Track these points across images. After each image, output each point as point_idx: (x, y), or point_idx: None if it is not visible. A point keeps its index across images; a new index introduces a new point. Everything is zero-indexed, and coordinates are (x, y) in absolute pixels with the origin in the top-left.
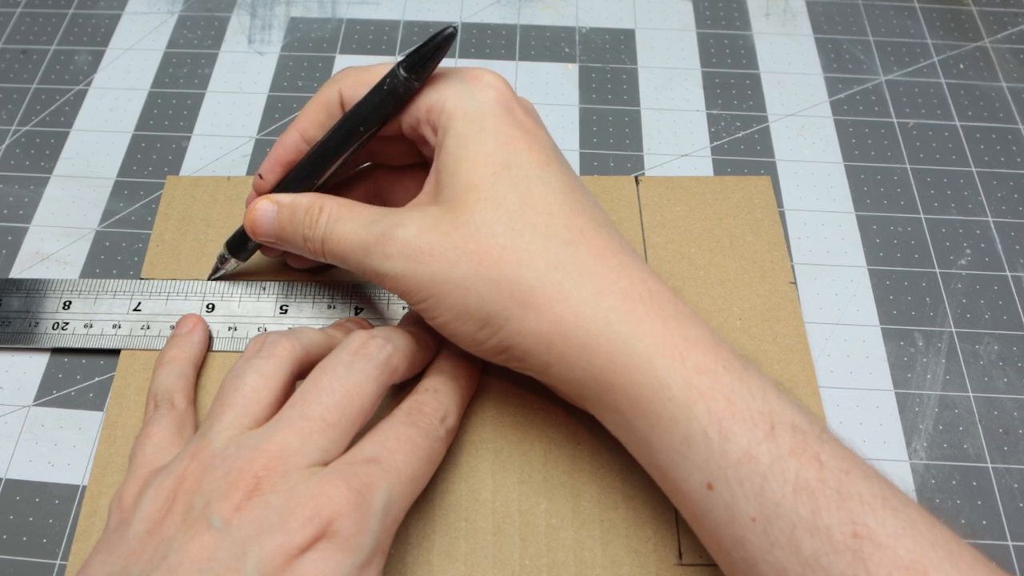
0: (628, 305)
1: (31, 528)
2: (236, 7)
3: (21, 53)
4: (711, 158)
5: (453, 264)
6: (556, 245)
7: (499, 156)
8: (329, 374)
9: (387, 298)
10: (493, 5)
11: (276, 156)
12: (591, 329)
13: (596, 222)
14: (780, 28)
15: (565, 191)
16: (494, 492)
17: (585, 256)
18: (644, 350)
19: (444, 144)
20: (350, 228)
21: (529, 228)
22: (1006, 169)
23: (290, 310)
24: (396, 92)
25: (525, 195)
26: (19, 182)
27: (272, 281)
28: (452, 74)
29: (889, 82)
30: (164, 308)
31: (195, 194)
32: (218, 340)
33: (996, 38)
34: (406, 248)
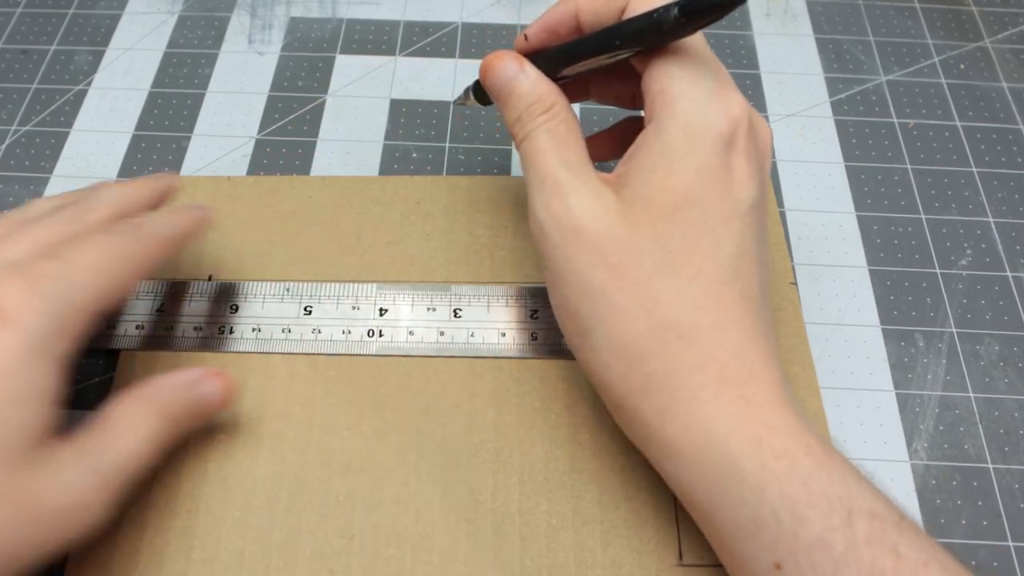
0: (720, 387)
1: None
2: (236, 7)
3: (21, 53)
4: None
5: (590, 265)
6: (684, 305)
7: (690, 190)
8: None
9: (411, 299)
10: (493, 5)
11: (546, 22)
12: (676, 398)
13: (742, 295)
14: (780, 28)
15: (731, 255)
16: (494, 493)
17: (707, 327)
18: (721, 428)
19: (653, 142)
20: (547, 151)
21: (671, 275)
22: (1006, 169)
23: (314, 311)
24: (660, 27)
25: (690, 242)
26: (19, 182)
27: (296, 282)
28: (704, 72)
29: (889, 82)
30: (187, 309)
31: (196, 194)
32: (242, 341)
33: (996, 38)
34: (565, 216)
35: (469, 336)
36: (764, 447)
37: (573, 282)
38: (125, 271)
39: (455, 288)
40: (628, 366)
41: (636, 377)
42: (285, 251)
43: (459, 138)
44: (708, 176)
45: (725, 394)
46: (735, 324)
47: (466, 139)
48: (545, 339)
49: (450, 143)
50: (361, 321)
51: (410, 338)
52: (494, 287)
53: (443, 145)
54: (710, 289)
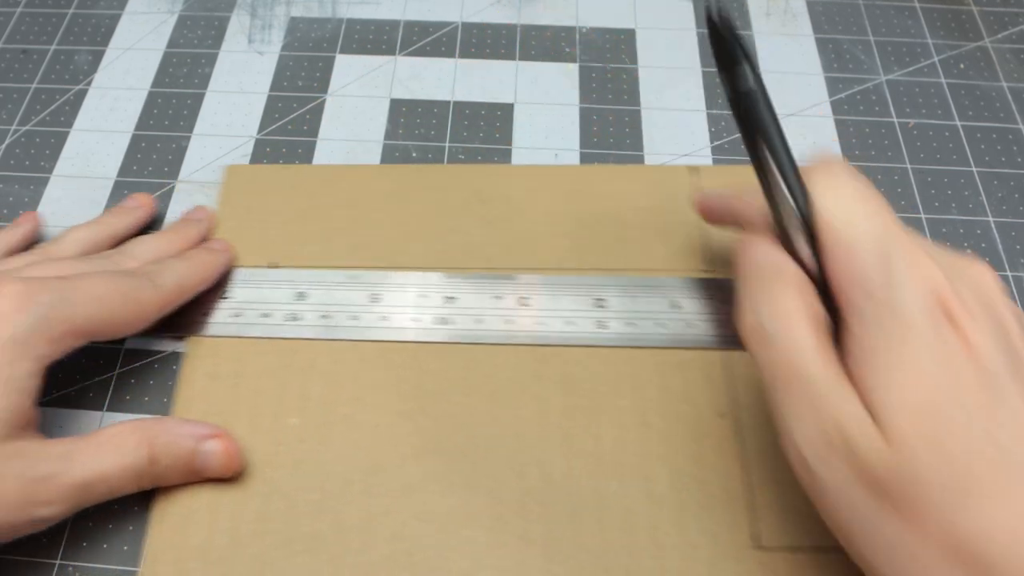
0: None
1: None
2: (236, 7)
3: (21, 53)
4: (711, 158)
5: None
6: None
7: (932, 390)
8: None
9: (477, 287)
10: (493, 5)
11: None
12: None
13: None
14: (780, 28)
15: (1014, 438)
16: (567, 476)
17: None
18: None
19: (861, 337)
20: (805, 348)
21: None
22: (1006, 169)
23: (381, 299)
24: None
25: (968, 440)
26: (19, 182)
27: (361, 270)
28: (890, 252)
29: (889, 82)
30: (254, 296)
31: (256, 183)
32: (311, 328)
33: (996, 38)
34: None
35: (536, 324)
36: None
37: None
38: (126, 309)
39: (520, 277)
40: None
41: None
42: (347, 239)
43: (459, 138)
44: (942, 361)
45: None
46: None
47: (466, 139)
48: (612, 327)
49: (450, 143)
50: (429, 309)
51: (478, 326)
52: (559, 276)
53: (443, 145)
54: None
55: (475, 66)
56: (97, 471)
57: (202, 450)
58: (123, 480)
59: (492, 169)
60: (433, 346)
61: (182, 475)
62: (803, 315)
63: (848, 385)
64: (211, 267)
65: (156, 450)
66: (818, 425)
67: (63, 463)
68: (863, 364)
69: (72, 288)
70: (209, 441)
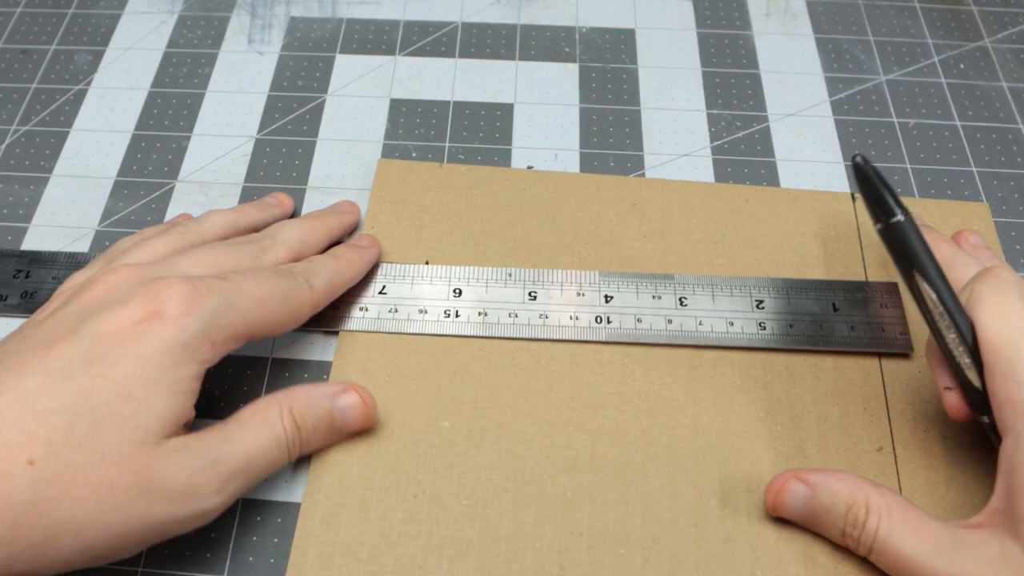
0: None
1: None
2: (236, 7)
3: (21, 53)
4: (711, 158)
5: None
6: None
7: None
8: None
9: (636, 286)
10: (493, 5)
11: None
12: None
13: None
14: (780, 28)
15: None
16: (722, 500)
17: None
18: None
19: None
20: (912, 550)
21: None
22: (1006, 169)
23: (539, 296)
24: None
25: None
26: (19, 182)
27: (518, 268)
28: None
29: (889, 82)
30: (410, 292)
31: (408, 179)
32: (469, 325)
33: (996, 38)
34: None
35: (697, 324)
36: None
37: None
38: (283, 310)
39: (678, 277)
40: None
41: None
42: (502, 241)
43: (459, 138)
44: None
45: None
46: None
47: (466, 139)
48: (772, 329)
49: (450, 143)
50: (587, 308)
51: (638, 325)
52: (716, 277)
53: (443, 145)
54: None
55: (475, 66)
56: (254, 448)
57: (339, 406)
58: (277, 453)
59: (649, 183)
60: (586, 353)
61: (326, 436)
62: (909, 536)
63: (965, 543)
64: (361, 265)
65: (297, 416)
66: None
67: (223, 447)
68: (1018, 488)
69: (235, 291)
70: (343, 396)
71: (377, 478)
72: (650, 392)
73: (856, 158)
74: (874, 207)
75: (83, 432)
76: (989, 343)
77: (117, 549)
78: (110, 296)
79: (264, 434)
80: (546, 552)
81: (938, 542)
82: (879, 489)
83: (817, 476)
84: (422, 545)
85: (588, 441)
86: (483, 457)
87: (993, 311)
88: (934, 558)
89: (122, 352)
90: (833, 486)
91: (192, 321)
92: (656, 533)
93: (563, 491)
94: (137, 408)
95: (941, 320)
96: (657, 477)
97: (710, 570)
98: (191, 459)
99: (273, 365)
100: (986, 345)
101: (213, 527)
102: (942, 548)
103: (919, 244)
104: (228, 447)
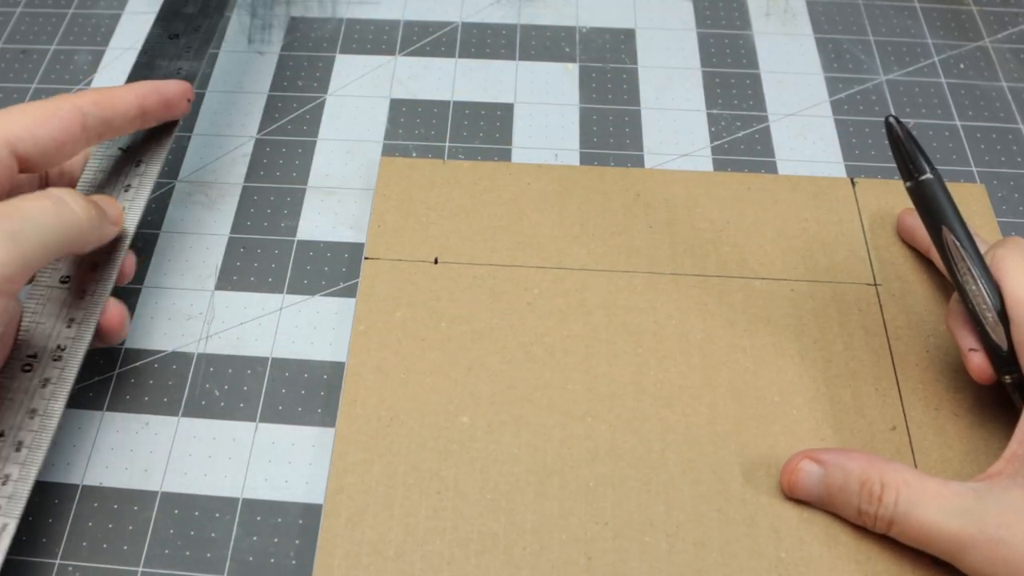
0: None
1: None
2: (236, 7)
3: (21, 53)
4: (711, 158)
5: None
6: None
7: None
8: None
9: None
10: (493, 5)
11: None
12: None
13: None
14: (780, 28)
15: None
16: (743, 484)
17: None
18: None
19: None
20: (935, 515)
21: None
22: (1006, 169)
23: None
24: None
25: None
26: None
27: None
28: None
29: (889, 82)
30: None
31: (412, 176)
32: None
33: (996, 38)
34: (1013, 554)
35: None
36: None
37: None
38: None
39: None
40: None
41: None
42: (510, 237)
43: (459, 137)
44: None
45: None
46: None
47: (466, 138)
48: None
49: (450, 142)
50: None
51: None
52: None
53: (443, 144)
54: None
55: (475, 66)
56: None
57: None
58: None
59: (652, 174)
60: (603, 344)
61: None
62: (923, 502)
63: (987, 499)
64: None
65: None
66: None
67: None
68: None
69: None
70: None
71: (400, 476)
72: (665, 380)
73: (889, 118)
74: (905, 166)
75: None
76: (1016, 299)
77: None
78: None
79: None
80: (572, 543)
81: (961, 501)
82: (892, 464)
83: (830, 455)
84: (448, 541)
85: (607, 431)
86: (504, 451)
87: (1019, 269)
88: (959, 518)
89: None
90: (846, 464)
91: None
92: (680, 519)
93: (585, 481)
94: None
95: (968, 276)
96: (677, 464)
97: (734, 554)
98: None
99: (273, 365)
100: (1012, 301)
101: (213, 527)
102: (965, 507)
103: (947, 200)
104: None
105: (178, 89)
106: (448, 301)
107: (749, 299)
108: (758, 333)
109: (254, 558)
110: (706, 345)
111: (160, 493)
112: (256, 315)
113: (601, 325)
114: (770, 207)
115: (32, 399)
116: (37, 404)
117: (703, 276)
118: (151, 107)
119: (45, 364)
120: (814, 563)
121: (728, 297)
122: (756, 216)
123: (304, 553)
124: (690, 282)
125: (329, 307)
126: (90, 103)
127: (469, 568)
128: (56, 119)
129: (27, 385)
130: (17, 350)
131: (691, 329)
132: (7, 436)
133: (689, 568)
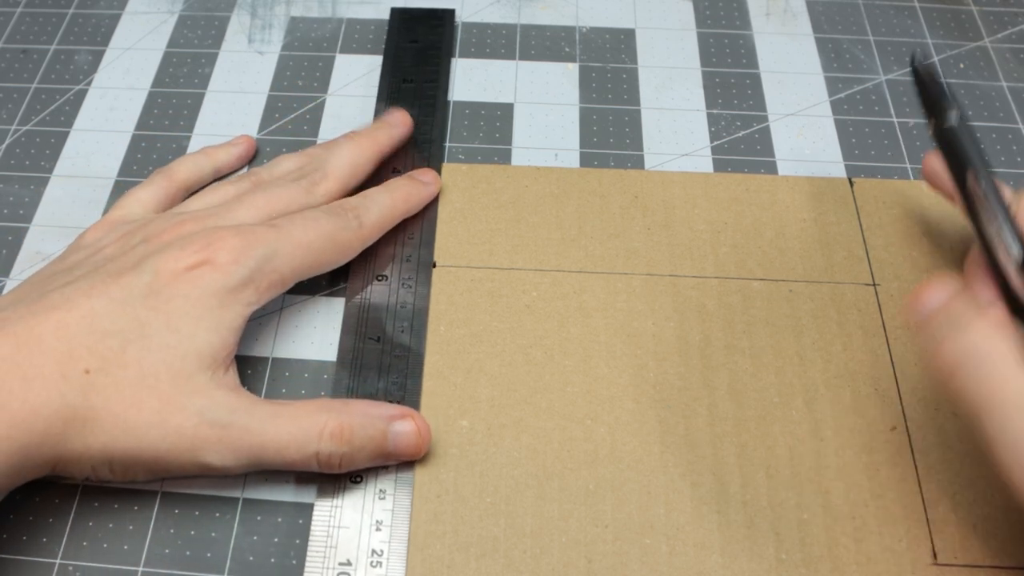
0: None
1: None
2: (236, 7)
3: (21, 53)
4: (711, 157)
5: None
6: None
7: None
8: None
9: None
10: (493, 5)
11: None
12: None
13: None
14: (780, 28)
15: None
16: (743, 486)
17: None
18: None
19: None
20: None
21: None
22: (1006, 169)
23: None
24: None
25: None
26: (19, 182)
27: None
28: None
29: (889, 82)
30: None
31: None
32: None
33: (996, 38)
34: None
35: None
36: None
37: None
38: (329, 250)
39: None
40: None
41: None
42: (508, 239)
43: (459, 137)
44: None
45: None
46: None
47: (466, 139)
48: None
49: (450, 143)
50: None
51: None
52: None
53: (443, 145)
54: None
55: (475, 66)
56: (274, 438)
57: (394, 431)
58: (297, 456)
59: (650, 175)
60: (602, 347)
61: (372, 456)
62: (1009, 341)
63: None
64: (416, 200)
65: (347, 431)
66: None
67: (244, 417)
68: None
69: (282, 238)
70: (400, 422)
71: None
72: (664, 382)
73: (914, 62)
74: (929, 109)
75: (132, 354)
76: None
77: (131, 469)
78: (173, 240)
79: (291, 434)
80: (572, 546)
81: None
82: None
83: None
84: (448, 545)
85: (607, 434)
86: (503, 454)
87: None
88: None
89: (176, 290)
90: None
91: (239, 269)
92: (680, 522)
93: (585, 484)
94: (180, 339)
95: (991, 222)
96: (677, 466)
97: (735, 556)
98: (208, 408)
99: (273, 365)
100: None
101: (213, 527)
102: None
103: (971, 144)
104: (248, 420)
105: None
106: (446, 304)
107: (748, 300)
108: (757, 334)
109: (254, 558)
110: (705, 346)
111: (160, 493)
112: (256, 315)
113: (600, 327)
114: (767, 208)
115: None
116: None
117: (701, 277)
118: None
119: None
120: (814, 565)
121: (727, 298)
122: (754, 217)
123: (304, 553)
124: (688, 283)
125: (329, 307)
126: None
127: (469, 572)
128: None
129: None
130: None
131: (690, 330)
132: None
133: (689, 570)
